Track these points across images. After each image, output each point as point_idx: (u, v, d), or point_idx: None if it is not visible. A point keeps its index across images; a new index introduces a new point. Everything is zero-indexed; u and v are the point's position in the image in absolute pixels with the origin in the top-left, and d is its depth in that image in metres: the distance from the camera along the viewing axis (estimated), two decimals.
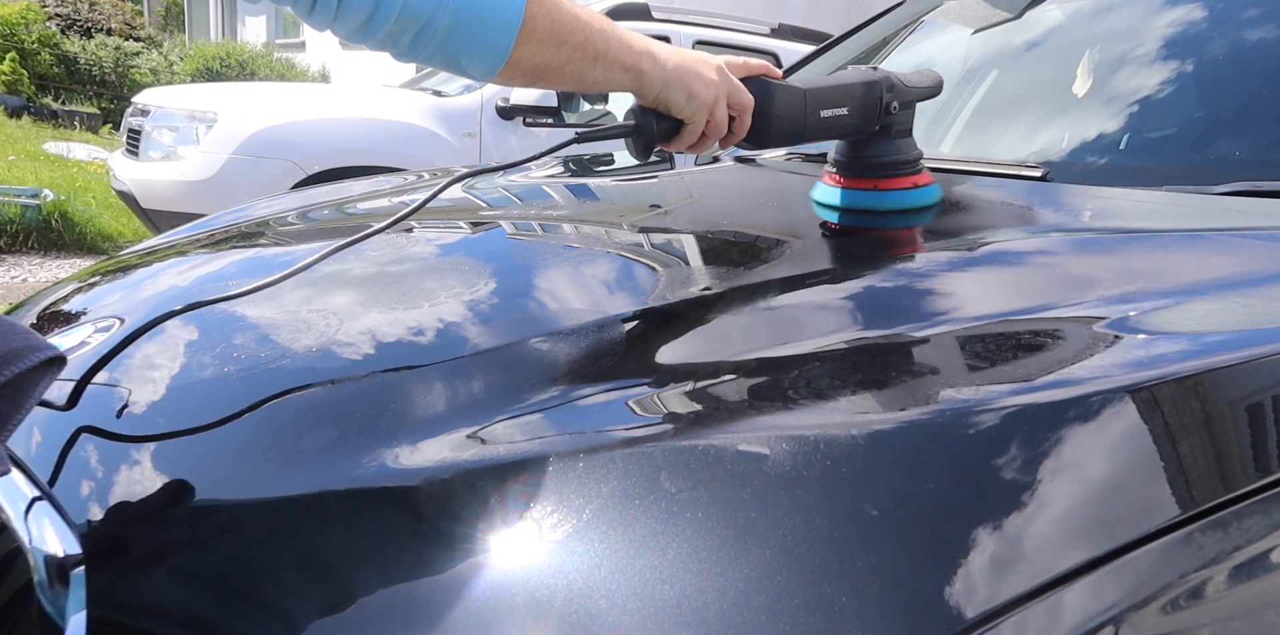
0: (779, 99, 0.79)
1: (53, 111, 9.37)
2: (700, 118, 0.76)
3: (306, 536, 0.46)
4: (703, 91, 0.75)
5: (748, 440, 0.46)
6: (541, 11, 0.66)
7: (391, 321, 0.67)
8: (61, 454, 0.58)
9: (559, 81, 0.71)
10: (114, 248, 4.79)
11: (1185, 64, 1.08)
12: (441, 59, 0.66)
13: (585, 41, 0.69)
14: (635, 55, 0.72)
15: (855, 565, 0.38)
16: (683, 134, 0.77)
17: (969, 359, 0.55)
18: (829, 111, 0.81)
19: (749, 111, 0.78)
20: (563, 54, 0.68)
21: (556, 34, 0.67)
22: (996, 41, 1.49)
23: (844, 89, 0.82)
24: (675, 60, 0.74)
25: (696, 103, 0.75)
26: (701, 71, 0.75)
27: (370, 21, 0.61)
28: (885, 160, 0.85)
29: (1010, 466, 0.43)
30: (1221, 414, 0.50)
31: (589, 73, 0.71)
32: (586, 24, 0.69)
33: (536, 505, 0.43)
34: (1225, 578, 0.42)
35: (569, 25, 0.68)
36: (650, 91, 0.74)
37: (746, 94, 0.78)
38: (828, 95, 0.81)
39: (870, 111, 0.83)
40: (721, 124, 0.77)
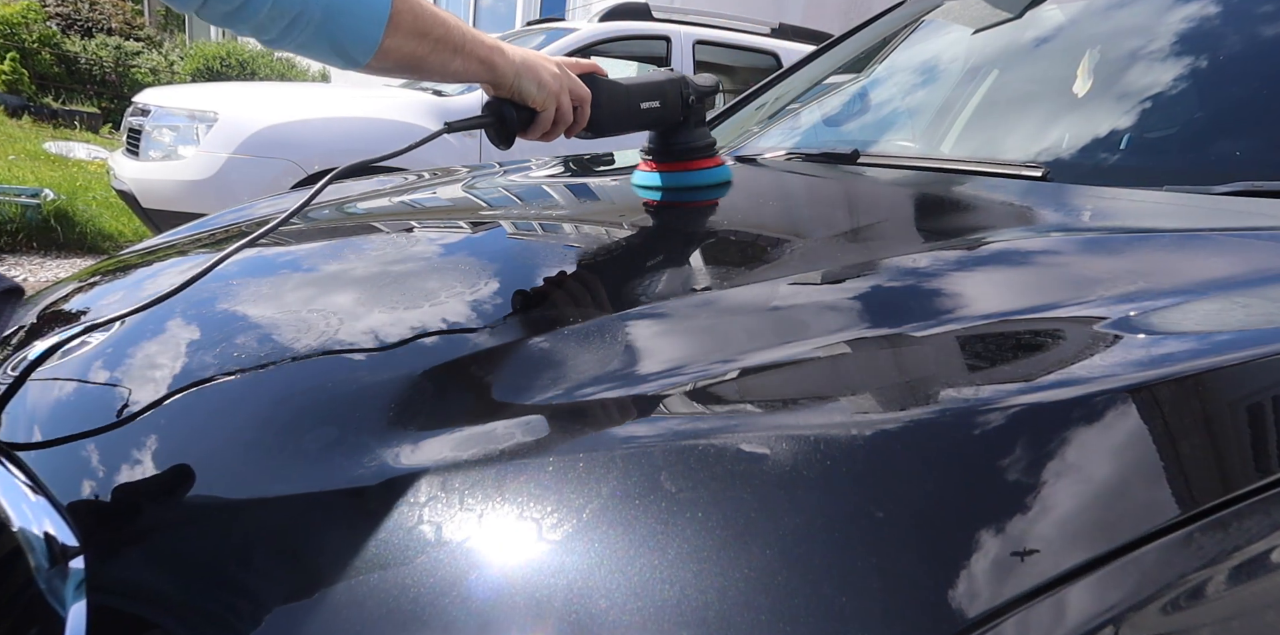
0: (607, 93, 0.92)
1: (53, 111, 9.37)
2: (551, 106, 0.86)
3: (306, 535, 0.46)
4: (550, 82, 0.85)
5: (748, 440, 0.46)
6: (405, 6, 0.74)
7: (391, 321, 0.67)
8: (64, 453, 0.58)
9: (424, 71, 0.79)
10: (114, 247, 4.79)
11: (1185, 64, 1.08)
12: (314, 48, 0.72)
13: (445, 35, 0.77)
14: (488, 49, 0.81)
15: (855, 565, 0.38)
16: (537, 122, 0.87)
17: (969, 359, 0.55)
18: (647, 104, 0.96)
19: (587, 102, 0.90)
20: (426, 45, 0.77)
21: (420, 26, 0.75)
22: (996, 41, 1.49)
23: (657, 85, 0.97)
24: (521, 55, 0.84)
25: (547, 92, 0.85)
26: (545, 65, 0.86)
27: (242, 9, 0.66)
28: (691, 145, 1.02)
29: (1010, 466, 0.43)
30: (1221, 414, 0.50)
31: (450, 63, 0.79)
32: (445, 20, 0.77)
33: (536, 505, 0.43)
34: (1225, 578, 0.42)
35: (430, 20, 0.76)
36: (505, 81, 0.83)
37: (583, 86, 0.89)
38: (644, 90, 0.96)
39: (674, 104, 0.98)
40: (568, 113, 0.88)
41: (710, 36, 4.83)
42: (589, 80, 0.90)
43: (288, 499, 0.48)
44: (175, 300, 0.82)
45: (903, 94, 1.58)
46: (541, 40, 4.46)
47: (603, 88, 0.92)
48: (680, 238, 0.89)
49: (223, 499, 0.50)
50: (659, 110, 0.97)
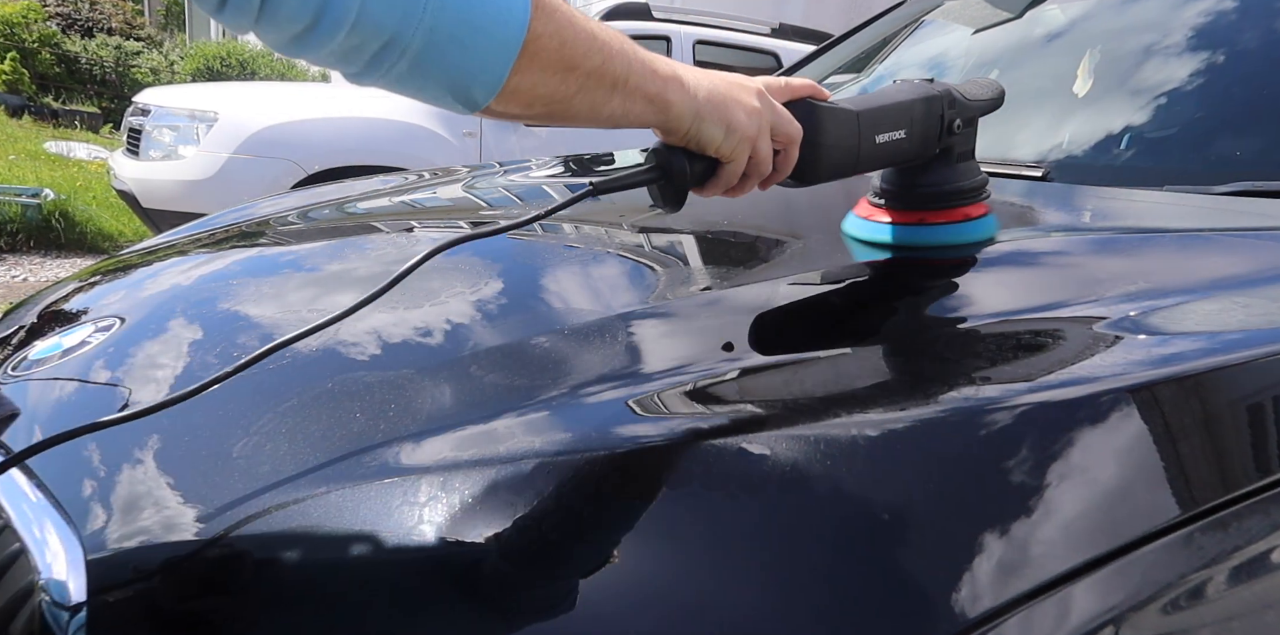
0: (829, 125, 0.66)
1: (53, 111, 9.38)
2: (742, 155, 0.62)
3: (307, 535, 0.46)
4: (744, 123, 0.61)
5: (748, 440, 0.46)
6: (549, 29, 0.52)
7: (392, 321, 0.67)
8: (64, 454, 0.58)
9: (565, 114, 0.57)
10: (114, 247, 4.79)
11: (1186, 64, 1.08)
12: (411, 86, 0.52)
13: (601, 66, 0.55)
14: (660, 82, 0.58)
15: (856, 564, 0.38)
16: (720, 176, 0.63)
17: (970, 359, 0.55)
18: (885, 136, 0.68)
19: (796, 143, 0.64)
20: (572, 82, 0.54)
21: (566, 58, 0.53)
22: (997, 41, 1.49)
23: (901, 108, 0.69)
24: (708, 86, 0.61)
25: (737, 137, 0.61)
26: (741, 98, 0.61)
27: (311, 32, 0.46)
28: (948, 188, 0.73)
29: (1010, 467, 0.43)
30: (1221, 414, 0.50)
31: (604, 105, 0.57)
32: (605, 45, 0.55)
33: (536, 505, 0.43)
34: (1225, 578, 0.42)
35: (583, 46, 0.54)
36: (679, 126, 0.60)
37: (793, 122, 0.64)
38: (883, 117, 0.68)
39: (931, 133, 0.71)
40: (766, 161, 0.64)
41: (710, 36, 4.83)
42: (803, 109, 0.65)
43: (288, 499, 0.48)
44: (175, 300, 0.82)
45: None
46: None
47: (823, 120, 0.66)
48: (681, 234, 0.89)
49: (223, 499, 0.50)
50: (903, 143, 0.70)
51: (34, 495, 0.53)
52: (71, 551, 0.48)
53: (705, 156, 0.62)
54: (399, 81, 0.51)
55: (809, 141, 0.65)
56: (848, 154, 0.67)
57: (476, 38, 0.49)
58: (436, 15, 0.48)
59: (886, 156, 0.70)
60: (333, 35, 0.46)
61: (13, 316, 0.95)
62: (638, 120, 0.59)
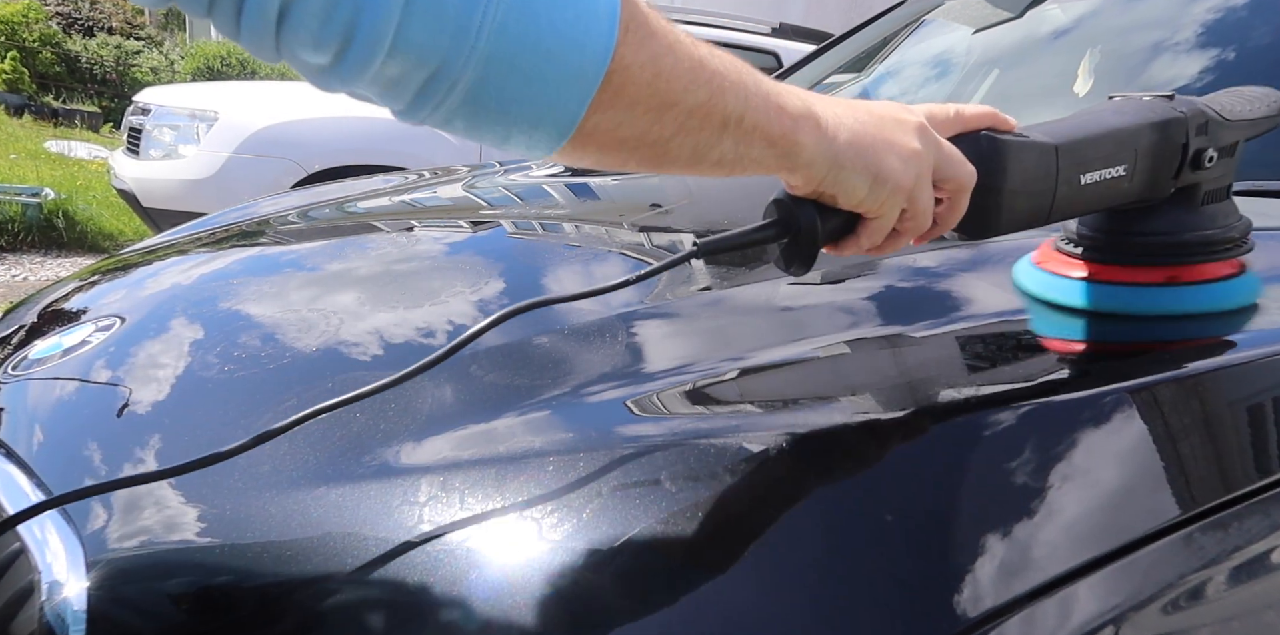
0: (1016, 164, 0.51)
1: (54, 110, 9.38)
2: (891, 209, 0.49)
3: (307, 536, 0.46)
4: (898, 171, 0.48)
5: (748, 440, 0.46)
6: (641, 58, 0.41)
7: (392, 320, 0.67)
8: (64, 454, 0.58)
9: (659, 160, 0.46)
10: (115, 246, 4.79)
11: (1186, 63, 1.08)
12: (467, 124, 0.42)
13: (708, 102, 0.44)
14: (788, 121, 0.46)
15: (856, 564, 0.38)
16: (860, 233, 0.51)
17: (969, 359, 0.55)
18: (1094, 175, 0.52)
19: (967, 190, 0.51)
20: (669, 122, 0.43)
21: (661, 93, 0.42)
22: (997, 41, 1.49)
23: (1119, 138, 0.53)
24: (852, 124, 0.48)
25: (887, 188, 0.48)
26: (895, 138, 0.49)
27: (341, 59, 0.38)
28: (1187, 238, 0.56)
29: (1010, 467, 0.43)
30: (1221, 414, 0.50)
31: (710, 149, 0.45)
32: (715, 75, 0.44)
33: (536, 505, 0.43)
34: (1225, 578, 0.42)
35: (685, 78, 0.43)
36: (811, 175, 0.48)
37: (964, 165, 0.50)
38: (1094, 150, 0.52)
39: (1165, 168, 0.54)
40: (924, 214, 0.50)
41: (710, 36, 4.82)
42: (979, 145, 0.51)
43: (288, 499, 0.48)
44: (176, 299, 0.82)
45: (903, 94, 1.57)
46: None
47: (1007, 158, 0.51)
48: (681, 234, 0.89)
49: (223, 499, 0.50)
50: (1122, 184, 0.54)
51: (34, 495, 0.53)
52: (71, 551, 0.48)
53: (841, 211, 0.50)
54: (451, 119, 0.42)
55: (985, 187, 0.51)
56: (1039, 200, 0.52)
57: (546, 68, 0.40)
58: (495, 40, 0.38)
59: (1096, 201, 0.54)
60: (366, 62, 0.38)
61: (13, 316, 0.95)
62: (756, 167, 0.47)
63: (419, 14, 0.36)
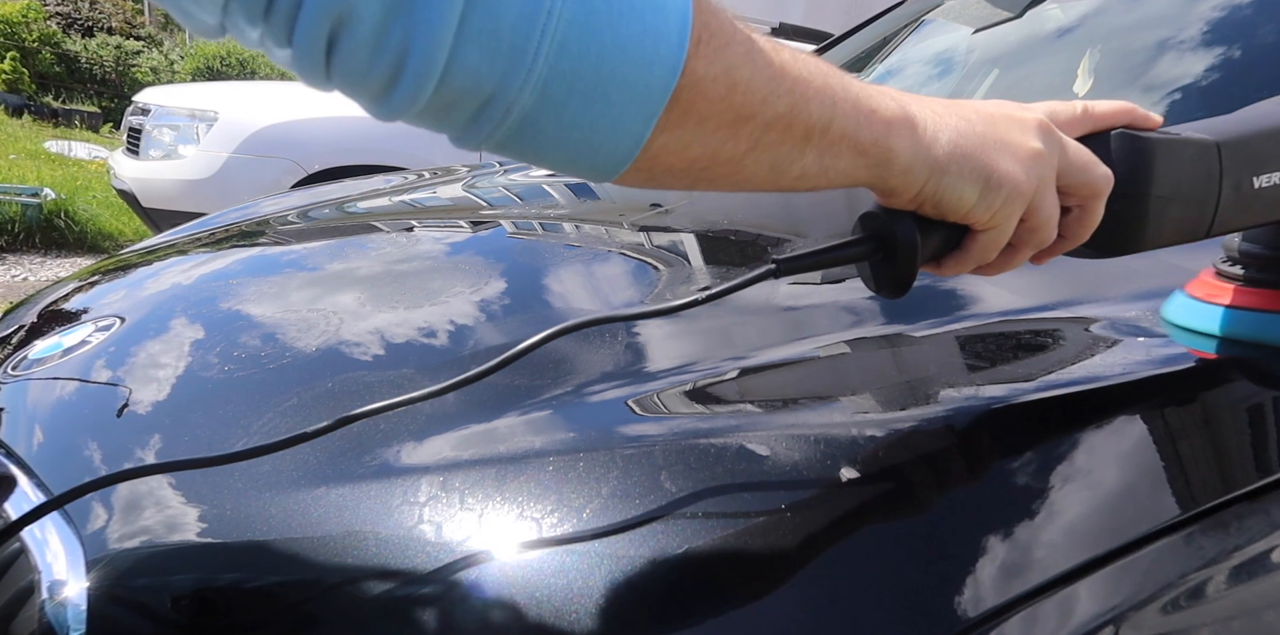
0: (1164, 166, 0.44)
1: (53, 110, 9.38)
2: (1007, 220, 0.43)
3: (307, 535, 0.46)
4: (1016, 175, 0.42)
5: (748, 440, 0.46)
6: (715, 70, 0.37)
7: (393, 320, 0.67)
8: (64, 454, 0.58)
9: (733, 178, 0.41)
10: (115, 247, 4.79)
11: (1185, 63, 1.08)
12: (524, 150, 0.39)
13: (789, 113, 0.39)
14: (881, 126, 0.41)
15: (854, 564, 0.38)
16: (970, 248, 0.45)
17: (969, 358, 0.55)
18: (1271, 177, 0.45)
19: (1102, 197, 0.44)
20: (744, 138, 0.39)
21: (737, 106, 0.38)
22: (997, 41, 1.49)
23: None
24: (955, 124, 0.43)
25: (1001, 195, 0.42)
26: (1010, 137, 0.43)
27: (394, 88, 0.35)
28: None
29: (1010, 467, 0.43)
30: (1221, 414, 0.50)
31: (791, 163, 0.41)
32: (798, 82, 0.39)
33: (536, 505, 0.43)
34: (1225, 578, 0.42)
35: (763, 89, 0.38)
36: (907, 184, 0.42)
37: (1097, 166, 0.44)
38: (1271, 148, 0.45)
39: None
40: (1048, 225, 0.44)
41: None
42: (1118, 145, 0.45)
43: (288, 498, 0.48)
44: (176, 300, 0.82)
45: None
46: None
47: (1154, 158, 0.44)
48: (681, 234, 0.89)
49: (223, 498, 0.50)
50: None
51: (34, 495, 0.53)
52: (71, 551, 0.48)
53: (946, 223, 0.43)
54: (506, 145, 0.39)
55: (1126, 194, 0.44)
56: (1198, 208, 0.45)
57: (608, 88, 0.36)
58: (553, 62, 0.35)
59: (1268, 211, 0.46)
60: (419, 89, 0.35)
61: (13, 316, 0.95)
62: (844, 179, 0.42)
63: (474, 36, 0.34)
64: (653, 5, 0.36)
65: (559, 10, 0.34)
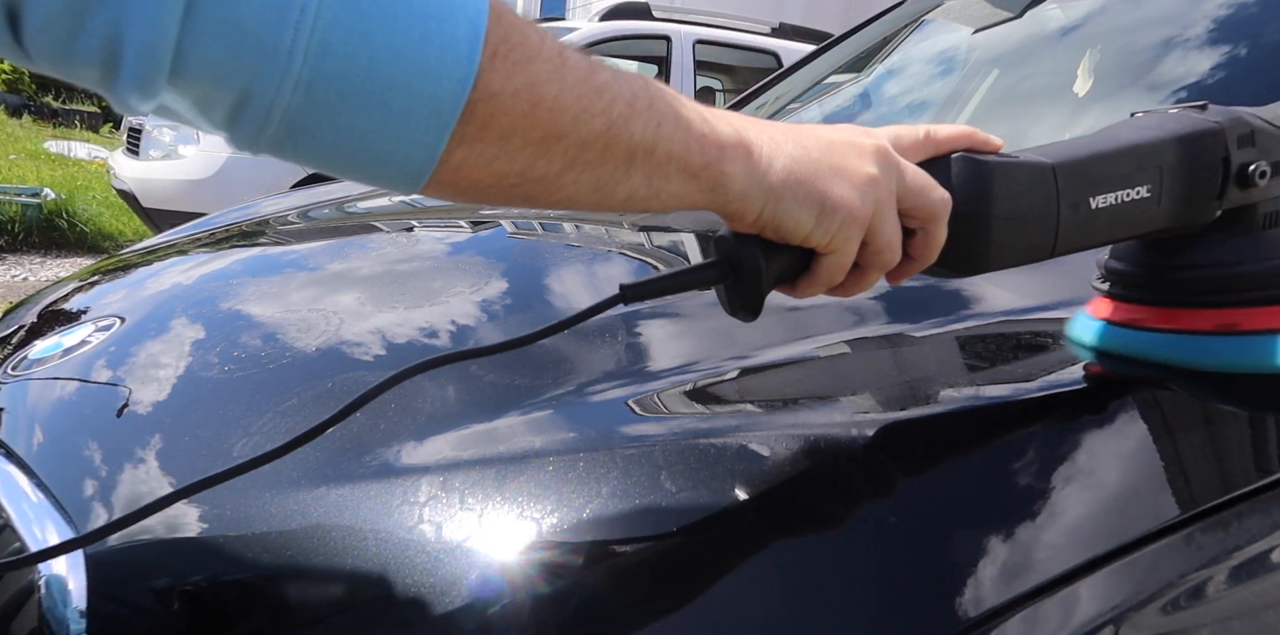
0: (1002, 190, 0.45)
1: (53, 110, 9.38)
2: (846, 244, 0.44)
3: (307, 536, 0.46)
4: (850, 200, 0.43)
5: (748, 440, 0.46)
6: (514, 85, 0.36)
7: (393, 320, 0.67)
8: (64, 454, 0.58)
9: (553, 197, 0.40)
10: (115, 247, 4.80)
11: (1186, 63, 1.08)
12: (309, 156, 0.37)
13: (607, 132, 0.38)
14: (714, 149, 0.41)
15: (854, 565, 0.38)
16: (816, 271, 0.45)
17: (969, 358, 0.55)
18: (1107, 198, 0.46)
19: (942, 220, 0.45)
20: (557, 156, 0.38)
21: (543, 123, 0.37)
22: (997, 41, 1.49)
23: (1135, 154, 0.46)
24: (791, 152, 0.43)
25: (837, 221, 0.43)
26: (845, 163, 0.43)
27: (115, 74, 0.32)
28: (1244, 271, 0.48)
29: (1010, 467, 0.43)
30: (1221, 414, 0.50)
31: (616, 184, 0.40)
32: (618, 101, 0.39)
33: (536, 505, 0.43)
34: (1225, 578, 0.42)
35: (574, 106, 0.38)
36: (744, 209, 0.42)
37: (935, 190, 0.45)
38: (1103, 169, 0.46)
39: (1202, 187, 0.47)
40: (890, 248, 0.45)
41: (711, 36, 4.83)
42: (958, 168, 0.46)
43: (288, 499, 0.48)
44: (176, 300, 0.82)
45: (903, 93, 1.58)
46: None
47: (992, 181, 0.45)
48: (681, 234, 0.90)
49: (223, 499, 0.50)
50: (1148, 206, 0.47)
51: (34, 495, 0.53)
52: (71, 552, 0.48)
53: (793, 246, 0.44)
54: (283, 149, 0.36)
55: (968, 215, 0.45)
56: (1039, 228, 0.46)
57: (387, 95, 0.34)
58: (315, 63, 0.33)
59: (1118, 228, 0.47)
60: (147, 81, 0.32)
61: (13, 316, 0.95)
62: (679, 202, 0.42)
63: (207, 27, 0.31)
64: (437, 13, 0.34)
65: (315, 8, 0.32)
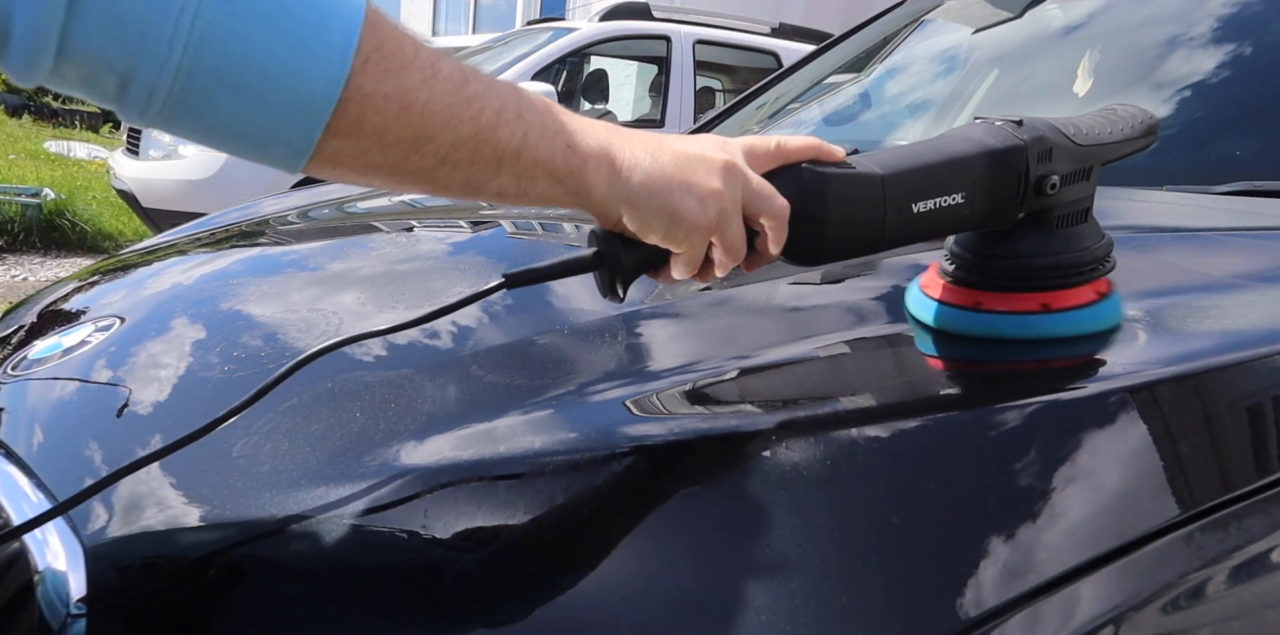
0: (837, 197, 0.52)
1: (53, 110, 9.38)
2: (694, 247, 0.50)
3: (307, 535, 0.46)
4: (693, 211, 0.48)
5: (748, 440, 0.46)
6: (384, 89, 0.41)
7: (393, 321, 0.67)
8: (64, 454, 0.58)
9: (432, 188, 0.46)
10: (114, 247, 4.80)
11: (1186, 63, 1.08)
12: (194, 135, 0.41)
13: (475, 137, 0.44)
14: (578, 159, 0.46)
15: (854, 564, 0.38)
16: (672, 265, 0.52)
17: (969, 358, 0.55)
18: (928, 204, 0.53)
19: (782, 224, 0.51)
20: (429, 154, 0.43)
21: (413, 126, 0.42)
22: (997, 41, 1.49)
23: (952, 167, 0.53)
24: (649, 166, 0.48)
25: (684, 227, 0.49)
26: (693, 179, 0.49)
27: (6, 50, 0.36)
28: (1039, 263, 0.56)
29: (1009, 467, 0.43)
30: (1221, 414, 0.50)
31: (486, 182, 0.46)
32: (486, 110, 0.44)
33: (537, 505, 0.43)
34: (1225, 578, 0.42)
35: (444, 113, 0.42)
36: (605, 213, 0.49)
37: (777, 200, 0.51)
38: (925, 180, 0.53)
39: (1005, 195, 0.54)
40: (735, 247, 0.51)
41: (710, 36, 4.83)
42: (798, 178, 0.52)
43: (288, 498, 0.48)
44: (176, 300, 0.82)
45: (903, 93, 1.58)
46: (543, 40, 4.46)
47: (827, 190, 0.52)
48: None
49: (223, 499, 0.50)
50: (963, 210, 0.53)
51: (34, 495, 0.53)
52: (71, 551, 0.48)
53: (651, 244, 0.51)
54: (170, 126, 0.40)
55: (805, 217, 0.52)
56: (868, 229, 0.53)
57: (265, 88, 0.39)
58: (194, 55, 0.37)
59: (936, 228, 0.54)
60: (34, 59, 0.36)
61: (13, 316, 0.95)
62: (547, 200, 0.48)
63: (91, 18, 0.35)
64: (313, 20, 0.39)
65: (195, 8, 0.36)
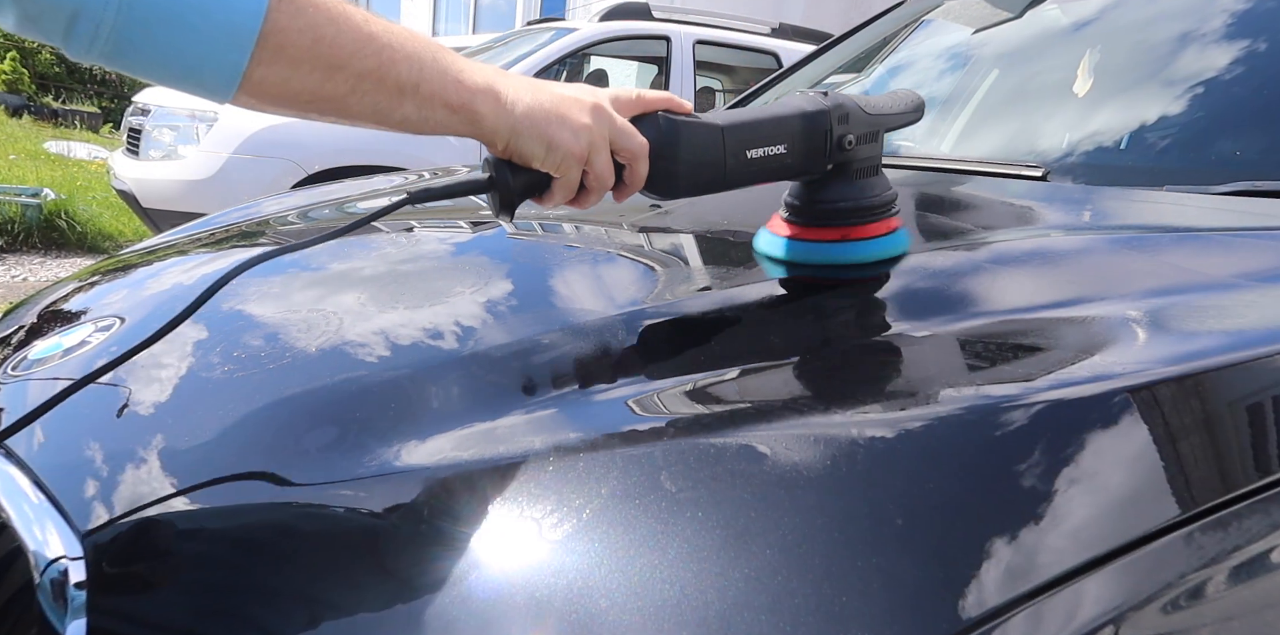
0: (686, 140, 0.64)
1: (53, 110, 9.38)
2: (569, 171, 0.61)
3: (307, 536, 0.46)
4: (568, 140, 0.59)
5: (748, 440, 0.46)
6: (297, 24, 0.50)
7: (395, 320, 0.67)
8: (64, 453, 0.58)
9: (347, 115, 0.55)
10: (114, 247, 4.80)
11: (1186, 63, 1.08)
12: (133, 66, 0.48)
13: (379, 69, 0.53)
14: (467, 92, 0.56)
15: (854, 564, 0.38)
16: (553, 189, 0.63)
17: (968, 359, 0.55)
18: (758, 151, 0.66)
19: (642, 158, 0.63)
20: (341, 82, 0.52)
21: (325, 56, 0.51)
22: (996, 41, 1.49)
23: (776, 123, 0.66)
24: (529, 101, 0.58)
25: (560, 154, 0.59)
26: (567, 114, 0.59)
27: None
28: (844, 206, 0.70)
29: (1009, 467, 0.43)
30: (1221, 414, 0.50)
31: (392, 109, 0.55)
32: (387, 47, 0.53)
33: (536, 505, 0.43)
34: (1225, 578, 0.42)
35: (350, 47, 0.52)
36: (494, 140, 0.59)
37: (637, 137, 0.62)
38: (755, 132, 0.66)
39: (816, 148, 0.68)
40: (604, 176, 0.62)
41: (710, 36, 4.83)
42: (655, 123, 0.64)
43: (288, 499, 0.48)
44: (176, 300, 0.82)
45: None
46: (543, 40, 4.46)
47: (679, 134, 0.64)
48: (676, 234, 0.90)
49: (223, 499, 0.50)
50: (785, 159, 0.67)
51: (34, 496, 0.53)
52: (71, 551, 0.48)
53: (534, 170, 0.61)
54: (113, 60, 0.47)
55: (663, 155, 0.64)
56: (711, 169, 0.65)
57: (195, 20, 0.46)
58: None
59: (765, 172, 0.67)
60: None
61: (13, 316, 0.95)
62: (446, 129, 0.58)
63: None
64: None
65: None
